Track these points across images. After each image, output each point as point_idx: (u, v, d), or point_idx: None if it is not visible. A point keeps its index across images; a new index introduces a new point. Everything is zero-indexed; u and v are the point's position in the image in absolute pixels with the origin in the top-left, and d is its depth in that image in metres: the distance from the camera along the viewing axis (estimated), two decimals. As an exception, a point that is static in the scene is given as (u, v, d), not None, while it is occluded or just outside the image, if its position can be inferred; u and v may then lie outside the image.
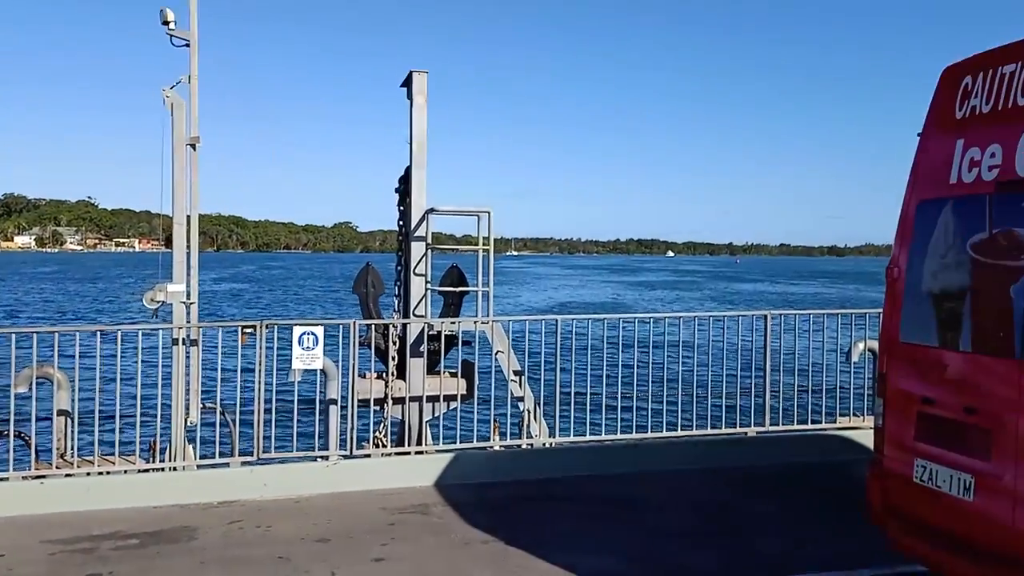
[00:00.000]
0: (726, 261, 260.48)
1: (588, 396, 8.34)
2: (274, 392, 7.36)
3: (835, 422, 8.56)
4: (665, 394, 8.31)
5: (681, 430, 8.38)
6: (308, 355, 7.25)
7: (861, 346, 8.48)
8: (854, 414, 8.68)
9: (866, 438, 7.08)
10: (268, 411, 7.36)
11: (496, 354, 8.69)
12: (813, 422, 8.59)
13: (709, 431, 8.37)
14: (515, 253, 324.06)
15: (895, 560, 5.13)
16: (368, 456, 7.71)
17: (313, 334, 7.27)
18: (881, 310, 5.23)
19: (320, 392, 7.92)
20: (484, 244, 8.86)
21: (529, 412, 8.61)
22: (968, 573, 4.25)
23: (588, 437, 8.21)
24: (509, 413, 8.64)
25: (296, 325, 7.37)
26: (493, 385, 8.36)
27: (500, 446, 8.39)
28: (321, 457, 7.59)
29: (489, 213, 8.83)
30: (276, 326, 7.53)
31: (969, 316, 4.36)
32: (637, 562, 5.66)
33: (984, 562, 4.13)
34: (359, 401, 7.87)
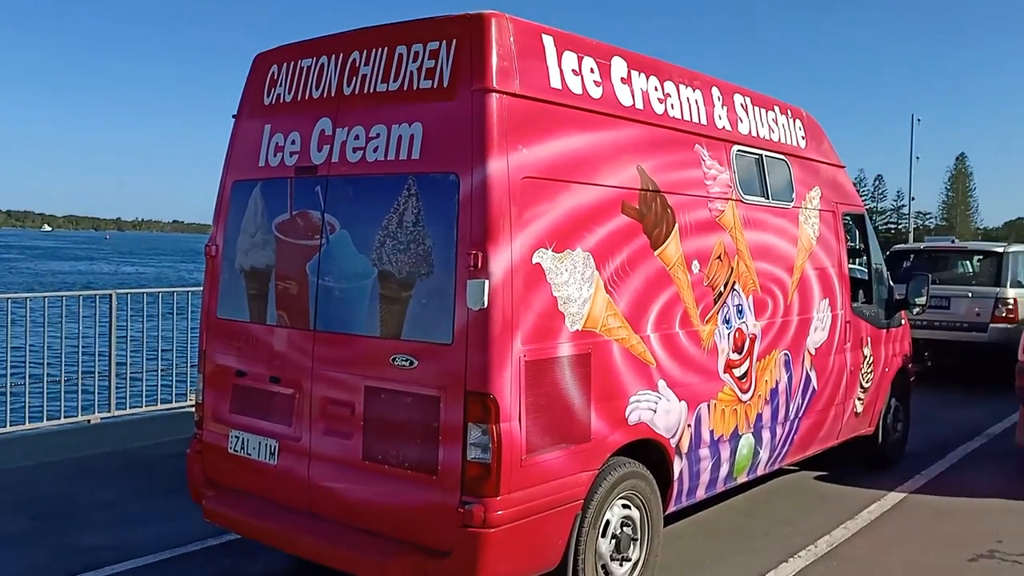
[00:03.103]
0: (95, 236, 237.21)
1: None
2: None
3: (186, 400, 8.54)
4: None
5: (11, 425, 7.45)
6: None
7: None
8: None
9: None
10: None
11: None
12: (164, 402, 8.45)
13: (46, 422, 7.60)
14: None
15: (225, 532, 5.30)
16: None
17: None
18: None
19: None
20: None
21: None
22: (276, 532, 4.54)
23: None
24: None
25: None
26: None
27: None
28: None
29: None
30: None
31: (274, 292, 4.67)
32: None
33: (288, 519, 4.47)
34: None
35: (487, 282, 3.84)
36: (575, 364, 4.26)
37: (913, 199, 51.25)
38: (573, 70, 4.41)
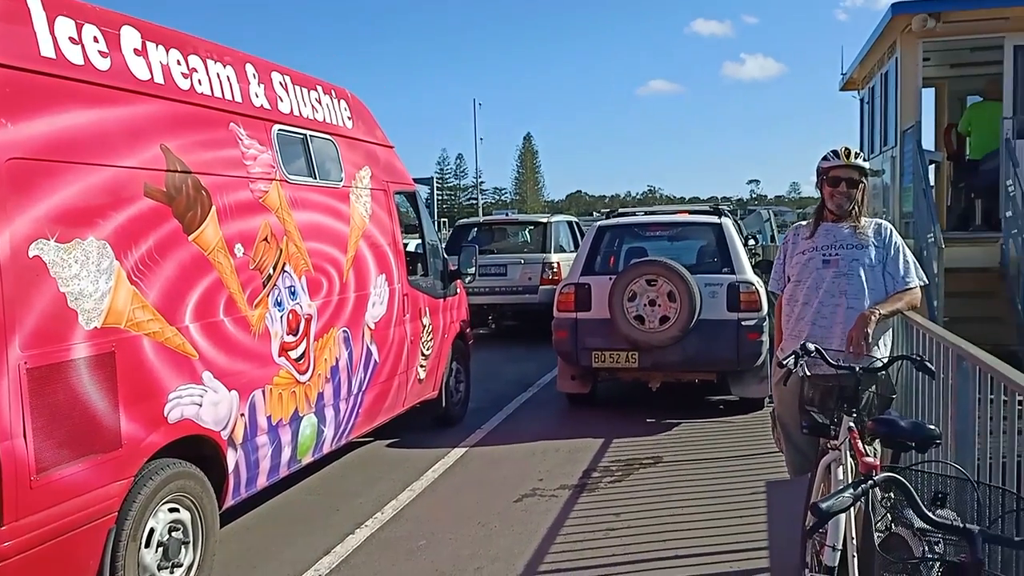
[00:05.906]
0: None
1: None
2: None
3: None
4: None
5: None
6: None
7: None
8: None
9: None
10: None
11: None
12: None
13: None
14: None
15: None
16: None
17: None
18: None
19: None
20: None
21: None
22: None
23: None
24: None
25: None
26: None
27: None
28: None
29: None
30: None
31: None
32: None
33: None
34: None
35: (-34, 282, 3.29)
36: (95, 365, 3.85)
37: (483, 180, 56.26)
38: (71, 38, 3.94)
